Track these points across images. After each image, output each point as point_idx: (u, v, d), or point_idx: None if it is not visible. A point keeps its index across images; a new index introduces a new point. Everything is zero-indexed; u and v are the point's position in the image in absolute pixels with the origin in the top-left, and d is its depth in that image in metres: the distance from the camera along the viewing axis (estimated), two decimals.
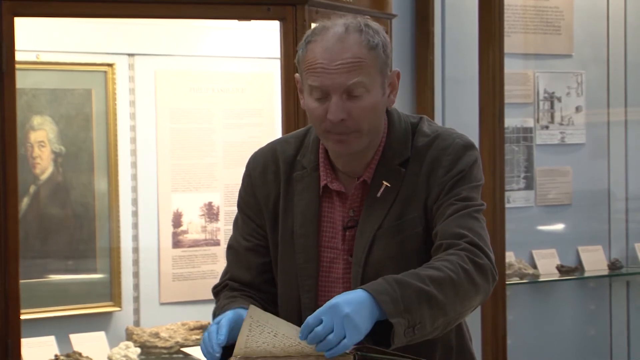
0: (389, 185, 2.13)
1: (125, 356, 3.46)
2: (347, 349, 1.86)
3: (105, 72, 3.62)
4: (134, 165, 3.70)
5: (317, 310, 1.88)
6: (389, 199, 2.13)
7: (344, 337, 1.85)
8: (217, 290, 2.29)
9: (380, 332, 1.92)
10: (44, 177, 3.54)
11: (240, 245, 2.25)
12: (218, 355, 1.96)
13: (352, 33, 2.04)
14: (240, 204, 2.28)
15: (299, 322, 2.08)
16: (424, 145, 2.15)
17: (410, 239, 2.11)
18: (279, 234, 2.20)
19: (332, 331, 1.85)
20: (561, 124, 4.62)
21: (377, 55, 2.06)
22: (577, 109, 4.66)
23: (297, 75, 2.17)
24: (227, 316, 2.03)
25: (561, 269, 4.52)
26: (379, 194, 2.13)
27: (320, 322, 1.86)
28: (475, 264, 2.01)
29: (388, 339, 1.91)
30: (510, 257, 4.29)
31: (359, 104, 2.05)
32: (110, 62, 3.63)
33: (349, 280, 2.15)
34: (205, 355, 2.00)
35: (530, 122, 4.55)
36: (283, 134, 3.11)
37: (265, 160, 2.24)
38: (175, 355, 3.58)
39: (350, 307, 1.86)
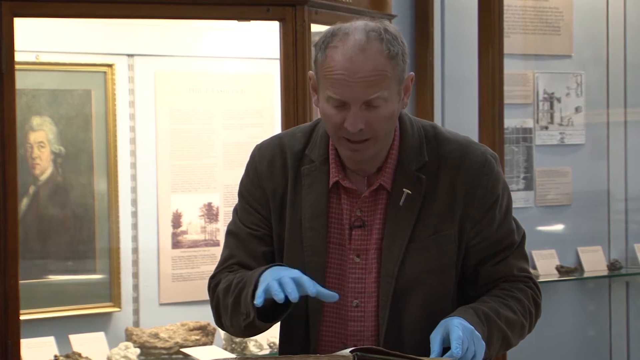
0: (410, 192, 2.14)
1: (125, 357, 3.46)
2: None
3: (104, 72, 3.62)
4: (133, 165, 3.69)
5: (460, 337, 2.00)
6: (413, 207, 2.15)
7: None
8: (217, 273, 2.29)
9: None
10: (43, 177, 3.54)
11: (243, 232, 2.25)
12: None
13: (374, 41, 2.03)
14: (245, 195, 2.26)
15: (305, 313, 2.16)
16: (454, 157, 2.17)
17: (447, 253, 2.16)
18: (286, 227, 2.20)
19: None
20: (561, 125, 4.62)
21: (397, 64, 2.06)
22: (577, 110, 4.66)
23: (311, 72, 2.16)
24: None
25: (560, 270, 4.52)
26: (401, 203, 2.15)
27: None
28: (537, 306, 2.26)
29: None
30: None
31: (377, 113, 2.06)
32: (109, 62, 3.63)
33: (356, 279, 2.18)
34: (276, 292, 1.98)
35: (529, 123, 4.54)
36: None
37: (273, 152, 2.24)
38: (174, 356, 3.57)
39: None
